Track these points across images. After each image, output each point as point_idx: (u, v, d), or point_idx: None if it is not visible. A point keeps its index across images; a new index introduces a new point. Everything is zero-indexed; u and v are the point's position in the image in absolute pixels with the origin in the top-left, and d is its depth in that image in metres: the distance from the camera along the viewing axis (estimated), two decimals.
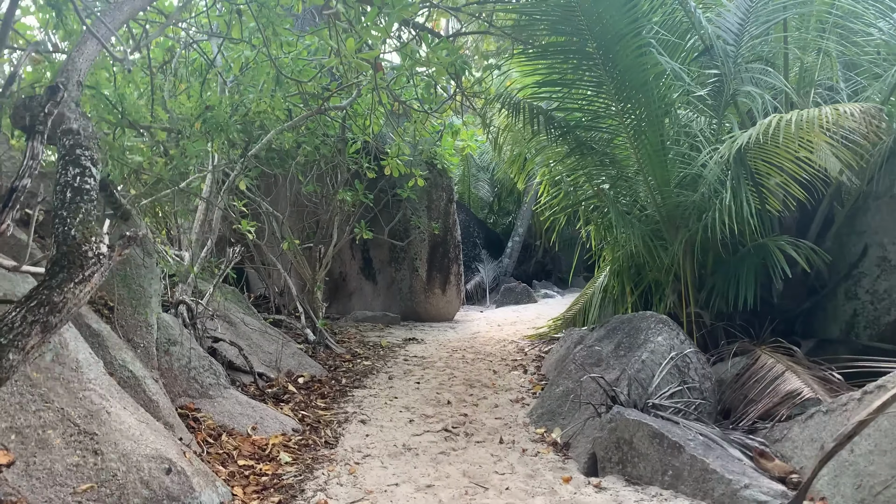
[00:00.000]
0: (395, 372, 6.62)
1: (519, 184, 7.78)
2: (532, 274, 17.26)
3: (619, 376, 4.33)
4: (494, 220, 18.88)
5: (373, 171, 8.19)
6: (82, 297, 2.12)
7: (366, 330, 9.09)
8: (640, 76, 5.72)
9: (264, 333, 6.37)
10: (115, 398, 3.21)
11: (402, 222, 9.95)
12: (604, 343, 4.87)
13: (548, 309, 12.35)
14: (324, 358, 6.95)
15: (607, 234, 7.32)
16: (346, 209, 8.90)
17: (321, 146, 8.10)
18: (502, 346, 8.26)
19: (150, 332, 4.34)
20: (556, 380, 4.96)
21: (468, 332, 9.57)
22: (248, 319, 6.54)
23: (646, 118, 5.91)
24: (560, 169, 7.02)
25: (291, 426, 4.64)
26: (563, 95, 6.08)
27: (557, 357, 6.18)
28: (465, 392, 5.81)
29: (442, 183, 10.19)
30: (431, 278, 10.19)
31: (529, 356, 7.36)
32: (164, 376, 4.37)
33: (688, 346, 4.55)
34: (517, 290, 13.76)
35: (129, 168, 4.88)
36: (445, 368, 6.81)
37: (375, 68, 5.45)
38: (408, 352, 7.74)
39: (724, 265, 6.01)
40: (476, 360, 7.31)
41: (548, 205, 7.79)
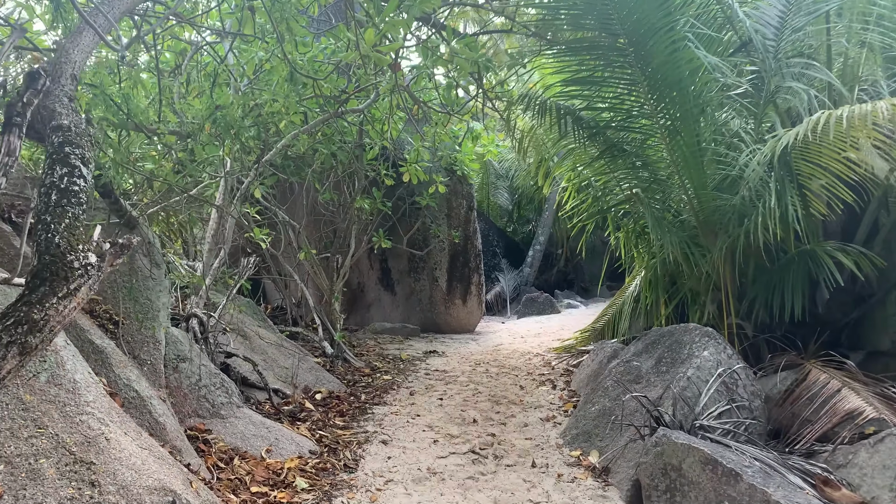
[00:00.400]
0: (417, 387, 6.31)
1: (544, 189, 7.46)
2: (554, 283, 16.89)
3: (661, 394, 3.98)
4: (514, 229, 18.55)
5: (391, 178, 7.92)
6: (67, 313, 1.84)
7: (385, 342, 8.80)
8: (674, 73, 5.40)
9: (280, 347, 6.10)
10: (116, 422, 2.94)
11: (421, 231, 9.66)
12: (643, 358, 4.53)
13: (572, 320, 11.98)
14: (342, 372, 6.67)
15: (639, 241, 6.98)
16: (364, 218, 8.64)
17: (338, 152, 7.87)
18: (527, 359, 7.92)
19: (158, 348, 4.07)
20: (591, 397, 4.62)
21: (490, 344, 9.24)
22: (264, 332, 6.28)
23: (680, 117, 5.58)
24: (588, 173, 6.69)
25: (308, 448, 4.34)
26: (592, 94, 5.77)
27: (589, 372, 5.84)
28: (492, 409, 5.48)
29: (462, 190, 9.89)
30: (452, 288, 9.89)
31: (557, 370, 7.01)
32: (172, 395, 4.09)
33: (736, 360, 4.19)
34: (540, 301, 13.40)
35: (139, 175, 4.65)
36: (469, 383, 6.48)
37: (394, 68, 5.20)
38: (429, 365, 7.43)
39: (765, 273, 5.64)
40: (501, 374, 6.98)
41: (574, 211, 7.46)
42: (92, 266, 1.90)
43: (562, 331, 10.49)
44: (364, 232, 9.01)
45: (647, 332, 4.82)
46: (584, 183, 7.39)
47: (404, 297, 10.08)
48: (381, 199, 8.30)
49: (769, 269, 5.62)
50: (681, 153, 5.65)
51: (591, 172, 6.74)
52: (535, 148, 7.10)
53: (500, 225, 18.05)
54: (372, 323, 10.13)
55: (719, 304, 5.85)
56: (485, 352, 8.49)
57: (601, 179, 6.67)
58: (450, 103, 5.81)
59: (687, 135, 5.60)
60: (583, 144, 6.10)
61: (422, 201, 8.98)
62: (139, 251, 4.17)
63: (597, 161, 6.38)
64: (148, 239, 4.26)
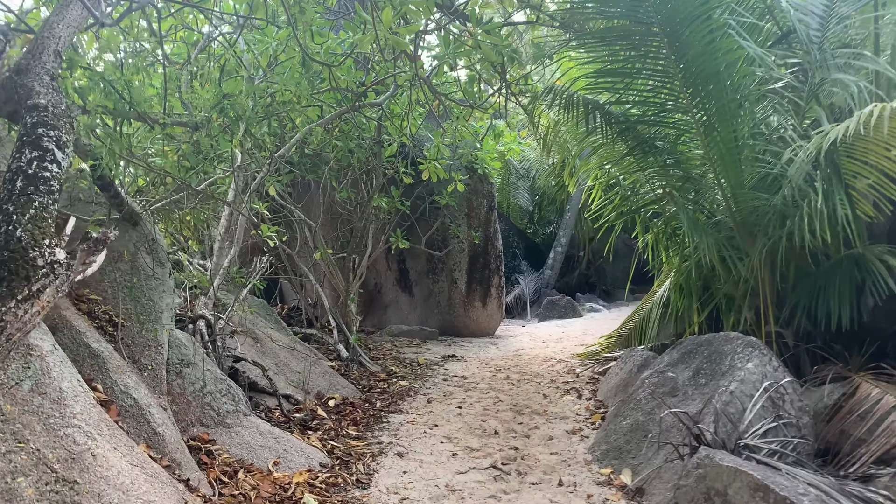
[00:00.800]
0: (435, 394, 6.02)
1: (570, 187, 7.13)
2: (575, 286, 16.50)
3: (701, 409, 3.65)
4: (534, 230, 18.21)
5: (410, 176, 7.65)
6: (28, 318, 1.58)
7: (402, 345, 8.52)
8: (711, 64, 5.06)
9: (293, 350, 5.85)
10: (105, 436, 2.68)
11: (441, 231, 9.38)
12: (678, 369, 4.20)
13: (594, 324, 11.62)
14: (357, 377, 6.40)
15: (669, 243, 6.63)
16: (382, 217, 8.38)
17: (356, 149, 7.62)
18: (550, 365, 7.60)
19: (160, 352, 3.83)
20: (622, 410, 4.29)
21: (511, 348, 8.93)
22: (276, 335, 6.03)
23: (717, 112, 5.23)
24: (616, 171, 6.36)
25: (319, 460, 4.07)
26: (623, 87, 5.44)
27: (617, 381, 5.51)
28: (514, 420, 5.17)
29: (482, 189, 9.59)
30: (471, 291, 9.59)
31: (582, 378, 6.68)
32: (174, 402, 3.84)
33: (782, 373, 3.85)
34: (561, 304, 13.05)
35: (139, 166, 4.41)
36: (489, 391, 6.18)
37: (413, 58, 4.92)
38: (447, 370, 7.14)
39: (807, 278, 5.28)
40: (522, 381, 6.66)
41: (601, 211, 7.13)
42: (59, 264, 1.64)
43: (584, 335, 10.14)
44: (382, 231, 8.76)
45: (683, 341, 4.49)
46: (611, 182, 7.06)
47: (422, 299, 9.80)
48: (400, 197, 8.04)
49: (811, 274, 5.26)
50: (717, 150, 5.30)
51: (619, 170, 6.41)
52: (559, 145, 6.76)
53: (520, 226, 17.72)
54: (389, 325, 9.87)
55: (757, 310, 5.50)
56: (505, 357, 8.18)
57: (630, 178, 6.34)
58: (472, 97, 5.53)
59: (723, 131, 5.25)
60: (612, 140, 5.76)
61: (441, 200, 8.70)
62: (142, 248, 3.93)
63: (626, 158, 6.04)
64: (151, 236, 4.02)
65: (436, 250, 9.35)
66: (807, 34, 5.38)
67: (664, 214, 6.17)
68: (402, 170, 7.72)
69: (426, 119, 8.73)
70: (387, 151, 7.31)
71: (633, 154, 5.76)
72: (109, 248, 4.22)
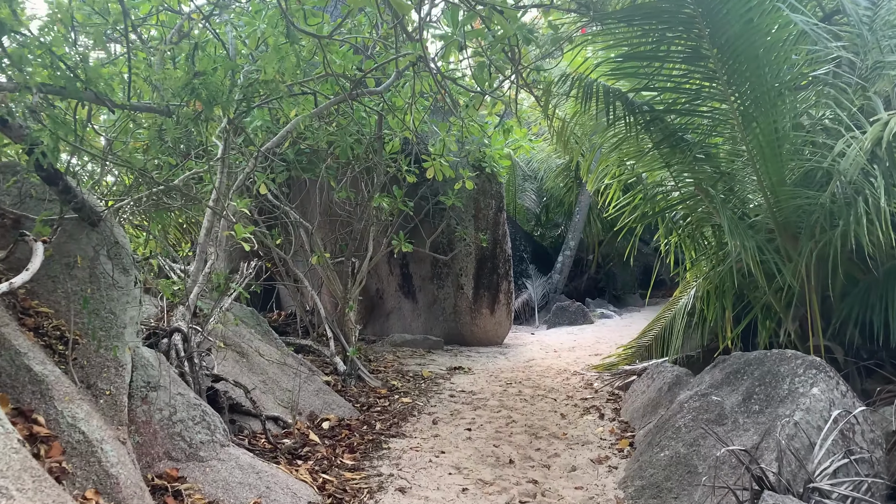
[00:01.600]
0: (441, 413, 5.46)
1: (589, 185, 6.55)
2: (584, 291, 15.95)
3: (759, 443, 3.08)
4: (542, 233, 17.65)
5: (413, 174, 7.11)
6: None
7: (405, 356, 7.96)
8: (751, 47, 4.50)
9: (283, 365, 5.29)
10: (27, 490, 2.13)
11: (446, 233, 8.82)
12: (724, 391, 3.63)
13: (607, 332, 11.06)
14: (355, 393, 5.84)
15: (696, 246, 6.06)
16: (383, 218, 7.82)
17: (355, 145, 7.07)
18: (564, 378, 7.03)
19: (121, 374, 3.27)
20: (658, 438, 3.72)
21: (521, 359, 8.36)
22: (265, 348, 5.47)
23: (756, 99, 4.68)
24: (639, 167, 5.79)
25: (308, 498, 3.51)
26: (651, 72, 4.88)
27: (645, 400, 4.94)
28: (530, 445, 4.61)
29: (491, 189, 9.03)
30: (478, 297, 9.02)
31: (602, 394, 6.11)
32: (139, 433, 3.29)
33: (852, 400, 3.28)
34: (571, 310, 12.49)
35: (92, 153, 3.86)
36: (501, 409, 5.61)
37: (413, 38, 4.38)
38: (454, 385, 6.58)
39: (859, 286, 4.72)
40: (536, 397, 6.09)
41: (620, 211, 6.58)
42: None
43: (598, 344, 9.58)
44: (383, 234, 8.21)
45: (726, 358, 3.92)
46: (630, 180, 6.51)
47: (426, 306, 9.24)
48: (403, 198, 7.49)
49: (863, 282, 4.70)
50: (755, 142, 4.75)
51: (642, 167, 5.85)
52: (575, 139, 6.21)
53: (527, 229, 17.16)
54: (391, 334, 9.31)
55: (801, 321, 4.93)
56: (516, 368, 7.61)
57: (655, 175, 5.78)
58: (482, 83, 4.99)
59: (763, 120, 4.70)
60: (636, 133, 5.20)
61: (447, 201, 8.15)
62: (102, 253, 3.38)
63: (650, 153, 5.48)
64: (114, 238, 3.47)
65: (441, 254, 8.80)
66: (856, 13, 4.83)
67: (692, 215, 5.60)
68: (405, 168, 7.18)
69: (431, 114, 8.19)
70: (388, 147, 6.76)
71: (660, 148, 5.20)
72: (64, 253, 3.68)
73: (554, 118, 6.19)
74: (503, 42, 4.41)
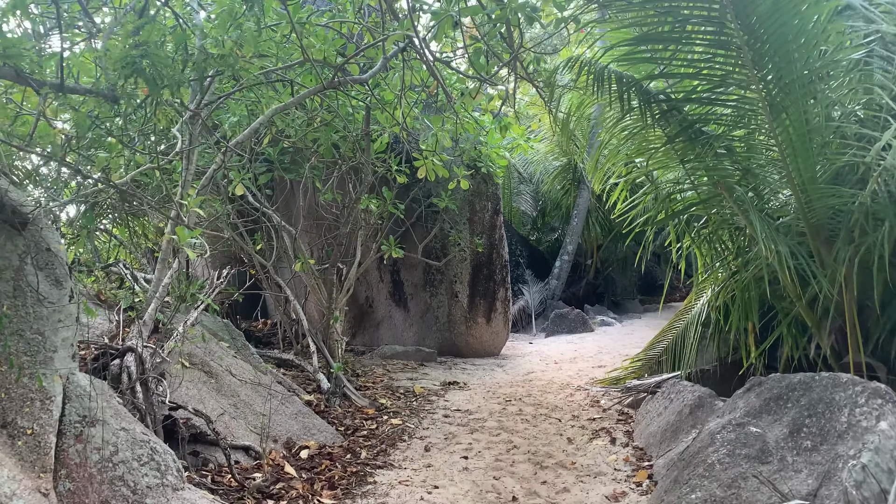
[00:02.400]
0: (434, 437, 4.92)
1: (595, 185, 6.04)
2: (582, 297, 15.41)
3: (816, 489, 2.56)
4: (538, 237, 17.13)
5: (404, 174, 6.59)
6: None
7: (395, 370, 7.41)
8: (783, 27, 3.99)
9: (258, 386, 4.74)
10: None
11: (439, 238, 8.29)
12: (765, 421, 3.11)
13: (609, 341, 10.54)
14: (339, 415, 5.29)
15: (713, 251, 5.55)
16: (373, 222, 7.29)
17: (340, 143, 6.55)
18: (568, 394, 6.50)
19: (49, 408, 2.73)
20: (686, 476, 3.19)
21: (520, 371, 7.82)
22: (239, 366, 4.92)
23: (786, 86, 4.17)
24: (652, 164, 5.27)
25: None
26: (670, 56, 4.37)
27: (663, 424, 4.41)
28: (535, 476, 4.07)
29: (486, 190, 8.51)
30: (474, 305, 8.49)
31: (610, 414, 5.58)
32: (70, 478, 2.74)
33: None
34: (570, 318, 11.97)
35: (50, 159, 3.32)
36: (500, 431, 5.08)
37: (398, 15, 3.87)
38: (448, 403, 6.04)
39: None
40: (538, 416, 5.56)
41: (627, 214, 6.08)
42: None
43: (600, 355, 9.06)
44: (373, 239, 7.68)
45: (762, 381, 3.40)
46: (639, 179, 6.01)
47: (419, 315, 8.70)
48: (393, 200, 6.96)
49: None
50: (785, 136, 4.24)
51: (654, 164, 5.33)
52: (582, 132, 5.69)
53: (523, 233, 16.64)
54: (381, 345, 8.76)
55: (836, 335, 4.42)
56: (514, 383, 7.08)
57: (668, 173, 5.26)
58: (480, 69, 4.47)
59: (794, 111, 4.19)
60: (651, 125, 4.69)
61: (440, 203, 7.63)
62: (27, 262, 2.83)
63: (664, 149, 4.96)
64: (45, 245, 2.92)
65: (434, 259, 8.26)
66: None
67: (712, 217, 5.09)
68: (395, 167, 6.65)
69: (424, 110, 7.67)
70: (376, 145, 6.23)
71: (676, 142, 4.68)
72: None
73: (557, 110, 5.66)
74: (501, 21, 3.91)
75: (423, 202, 8.15)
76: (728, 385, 6.06)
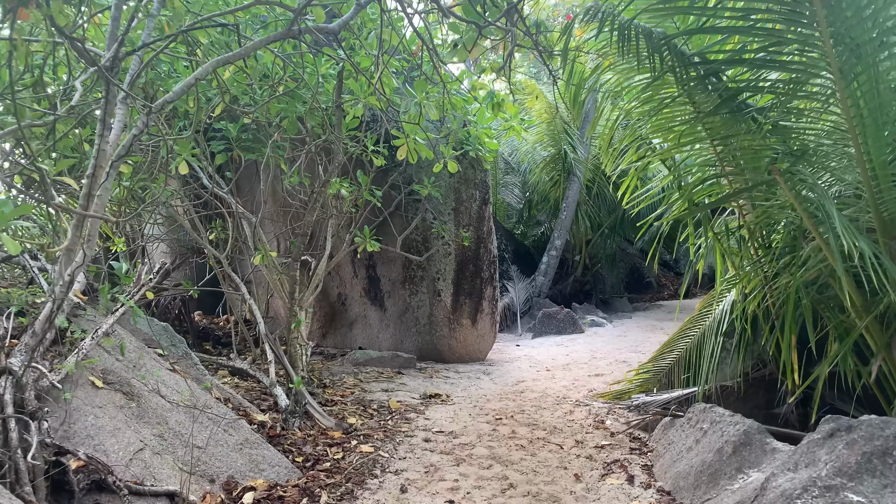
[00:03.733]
0: (412, 470, 4.05)
1: (607, 167, 5.18)
2: (569, 295, 14.65)
3: None
4: (523, 231, 16.31)
5: (381, 155, 5.70)
6: None
7: (369, 379, 6.52)
8: None
9: (194, 409, 3.81)
10: None
11: (421, 230, 7.41)
12: (869, 486, 2.26)
13: (601, 343, 9.75)
14: (299, 440, 4.39)
15: (744, 249, 4.73)
16: (345, 209, 6.38)
17: (308, 116, 5.64)
18: (566, 411, 5.66)
19: None
20: None
21: (509, 380, 6.98)
22: (174, 381, 4.00)
23: (856, 48, 3.34)
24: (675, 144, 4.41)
25: None
26: (717, 2, 3.50)
27: (697, 463, 3.56)
28: None
29: (474, 177, 7.63)
30: (458, 305, 7.62)
31: (620, 439, 4.75)
32: None
33: None
34: (559, 318, 11.15)
35: None
36: (492, 462, 4.22)
37: None
38: (429, 421, 5.17)
39: None
40: (536, 441, 4.72)
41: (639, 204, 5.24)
42: None
43: (595, 360, 8.26)
44: (346, 229, 6.78)
45: (853, 425, 2.58)
46: (652, 165, 5.19)
47: (397, 315, 7.81)
48: (369, 185, 6.06)
49: None
50: (855, 109, 3.41)
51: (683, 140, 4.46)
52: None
53: (508, 226, 15.81)
54: (354, 348, 7.88)
55: None
56: (504, 395, 6.23)
57: (699, 154, 4.41)
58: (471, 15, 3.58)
59: (865, 79, 3.37)
60: (683, 96, 3.83)
61: (422, 191, 6.74)
62: None
63: (696, 125, 4.11)
64: None
65: (415, 254, 7.38)
66: None
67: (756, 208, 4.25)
68: (371, 147, 5.76)
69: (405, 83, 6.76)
70: (348, 118, 5.31)
71: (716, 116, 3.82)
72: None
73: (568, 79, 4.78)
74: None
75: (404, 189, 7.26)
76: (752, 404, 5.27)
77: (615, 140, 4.87)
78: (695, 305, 6.13)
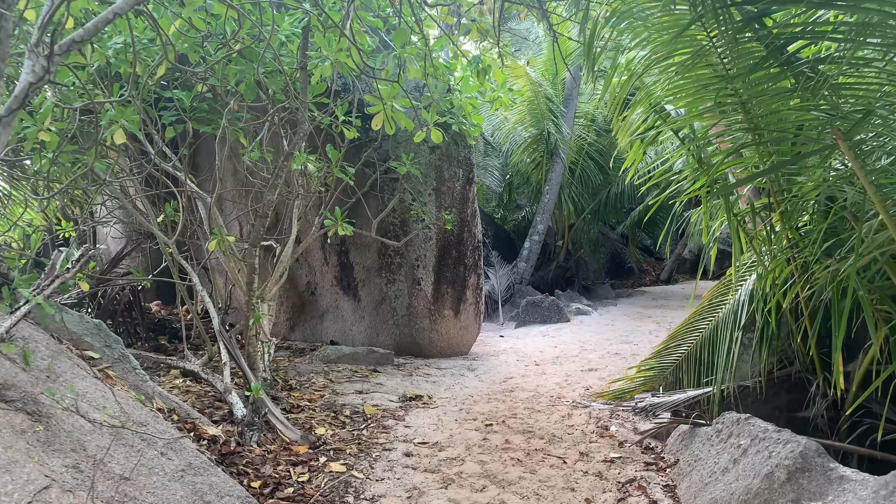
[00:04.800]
0: (391, 496, 3.39)
1: (621, 139, 4.53)
2: (552, 281, 14.10)
3: None
4: (504, 216, 15.71)
5: (352, 127, 5.00)
6: None
7: (341, 378, 5.83)
8: None
9: (124, 428, 3.10)
10: None
11: (399, 212, 6.71)
12: None
13: (589, 333, 9.18)
14: (257, 458, 3.70)
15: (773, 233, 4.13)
16: (314, 189, 5.65)
17: (268, 80, 4.91)
18: (563, 414, 5.05)
19: None
20: None
21: (496, 377, 6.35)
22: (100, 393, 3.27)
23: None
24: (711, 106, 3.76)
25: None
26: None
27: (738, 488, 2.95)
28: None
29: (458, 154, 6.95)
30: (440, 294, 6.96)
31: (631, 449, 4.15)
32: None
33: None
34: (543, 306, 10.56)
35: None
36: (485, 482, 3.58)
37: None
38: (410, 430, 4.51)
39: None
40: (533, 453, 4.09)
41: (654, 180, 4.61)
42: None
43: (585, 352, 7.68)
44: (315, 211, 6.07)
45: None
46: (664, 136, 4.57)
47: (372, 306, 7.12)
48: (340, 161, 5.36)
49: None
50: None
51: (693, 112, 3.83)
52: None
53: (488, 210, 15.19)
54: (325, 342, 7.18)
55: None
56: (492, 395, 5.59)
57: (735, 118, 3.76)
58: None
59: None
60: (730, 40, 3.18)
61: (400, 168, 6.03)
62: None
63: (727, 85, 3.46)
64: None
65: (392, 238, 6.68)
66: None
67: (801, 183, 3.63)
68: (342, 118, 5.03)
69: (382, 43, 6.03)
70: (314, 79, 4.56)
71: (762, 71, 3.17)
72: None
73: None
74: None
75: (379, 167, 6.55)
76: (772, 406, 4.72)
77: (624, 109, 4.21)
78: (677, 291, 5.56)
